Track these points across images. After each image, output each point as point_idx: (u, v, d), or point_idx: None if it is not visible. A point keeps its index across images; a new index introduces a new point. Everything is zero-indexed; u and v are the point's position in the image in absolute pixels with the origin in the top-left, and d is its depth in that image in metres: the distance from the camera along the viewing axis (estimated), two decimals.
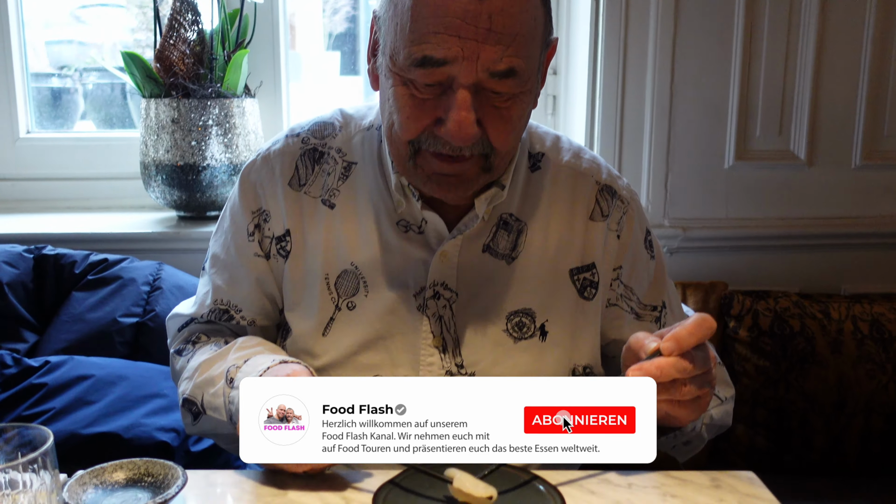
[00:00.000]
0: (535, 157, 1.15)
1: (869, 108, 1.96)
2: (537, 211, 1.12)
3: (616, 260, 1.14)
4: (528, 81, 0.97)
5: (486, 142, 0.97)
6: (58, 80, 2.22)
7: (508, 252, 1.11)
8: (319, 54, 2.31)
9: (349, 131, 1.15)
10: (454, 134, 0.94)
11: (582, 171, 1.15)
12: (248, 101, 1.94)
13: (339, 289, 1.10)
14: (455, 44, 0.90)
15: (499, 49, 0.91)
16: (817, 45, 1.91)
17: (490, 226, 1.10)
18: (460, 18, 0.90)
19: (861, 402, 1.77)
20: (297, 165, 1.13)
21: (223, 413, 1.03)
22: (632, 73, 1.90)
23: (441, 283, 1.08)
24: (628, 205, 1.16)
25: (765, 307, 1.82)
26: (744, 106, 1.93)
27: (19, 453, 0.79)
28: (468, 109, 0.93)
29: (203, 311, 1.17)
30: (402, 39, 0.93)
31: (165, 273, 1.68)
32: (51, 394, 1.36)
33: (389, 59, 0.96)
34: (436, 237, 1.09)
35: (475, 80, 0.92)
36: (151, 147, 1.88)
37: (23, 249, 1.64)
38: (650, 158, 1.93)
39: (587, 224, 1.13)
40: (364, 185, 1.12)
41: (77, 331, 1.55)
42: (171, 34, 1.86)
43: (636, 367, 0.87)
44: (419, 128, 0.97)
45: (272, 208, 1.13)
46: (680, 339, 0.87)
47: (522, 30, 0.93)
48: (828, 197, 2.00)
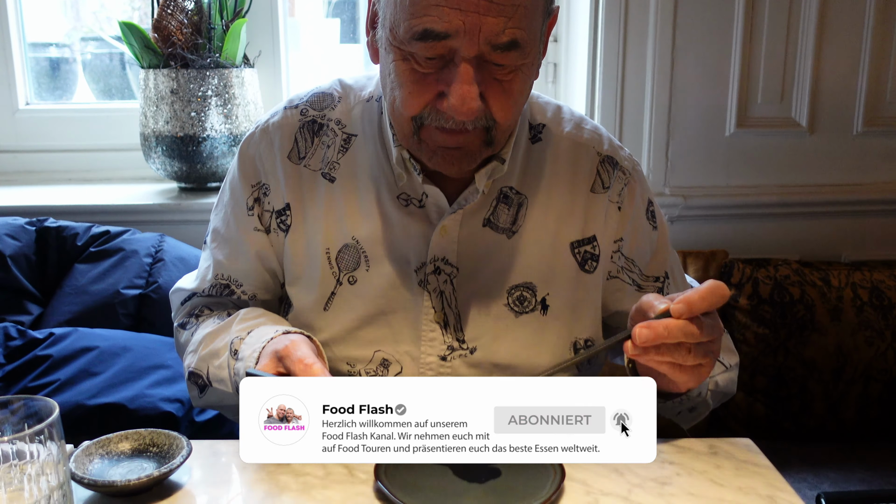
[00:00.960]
0: (535, 129, 1.14)
1: (871, 74, 1.95)
2: (538, 183, 1.11)
3: (617, 232, 1.13)
4: (531, 53, 0.95)
5: (489, 115, 0.96)
6: (56, 50, 2.21)
7: (509, 226, 1.10)
8: (319, 22, 2.28)
9: (348, 102, 1.14)
10: (457, 108, 0.92)
11: (583, 141, 1.14)
12: (247, 70, 1.93)
13: (339, 263, 1.10)
14: (456, 17, 0.89)
15: (500, 21, 0.90)
16: (819, 11, 1.90)
17: (490, 199, 1.10)
18: None
19: (860, 369, 1.78)
20: (297, 138, 1.12)
21: (229, 385, 1.04)
22: (632, 41, 1.88)
23: (442, 259, 1.08)
24: (630, 175, 1.15)
25: (765, 275, 1.83)
26: (745, 73, 1.92)
27: (26, 424, 0.80)
28: (470, 83, 0.91)
29: (204, 285, 1.17)
30: (403, 12, 0.92)
31: (167, 245, 1.68)
32: (56, 365, 1.38)
33: (389, 31, 0.94)
34: (436, 211, 1.08)
35: (477, 52, 0.91)
36: (151, 118, 1.87)
37: (25, 222, 1.65)
38: (651, 127, 1.92)
39: (588, 196, 1.12)
40: (364, 158, 1.11)
41: (80, 303, 1.56)
42: (168, 4, 1.84)
43: (644, 325, 0.87)
44: (422, 103, 0.95)
45: (271, 182, 1.12)
46: (691, 302, 0.86)
47: (524, 0, 0.91)
48: (829, 164, 2.00)
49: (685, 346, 0.87)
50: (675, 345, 0.87)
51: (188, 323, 1.18)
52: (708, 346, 0.89)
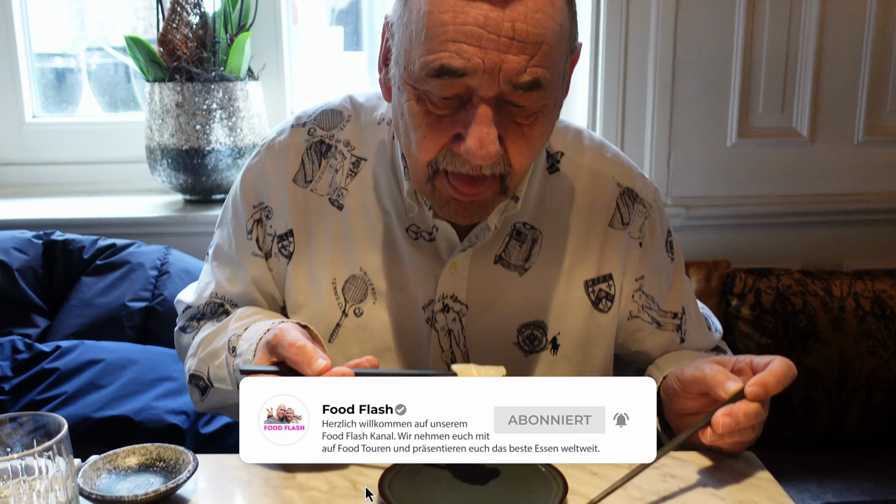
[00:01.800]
0: (553, 157, 1.09)
1: (871, 83, 1.96)
2: (553, 218, 1.07)
3: (638, 269, 1.10)
4: (553, 94, 0.90)
5: (506, 160, 0.91)
6: (61, 60, 2.23)
7: (521, 263, 1.07)
8: (322, 29, 2.30)
9: (359, 122, 1.10)
10: (474, 151, 0.86)
11: (603, 172, 1.09)
12: (252, 83, 1.95)
13: (346, 294, 1.07)
14: (475, 54, 0.84)
15: (522, 59, 0.84)
16: (819, 21, 1.91)
17: (503, 235, 1.06)
18: (480, 26, 0.83)
19: (862, 378, 1.79)
20: (303, 159, 1.08)
21: (230, 383, 1.02)
22: (633, 51, 1.90)
23: (451, 296, 1.05)
24: (650, 208, 1.11)
25: (767, 285, 1.84)
26: (746, 83, 1.93)
27: (34, 440, 0.81)
28: (489, 125, 0.86)
29: (200, 302, 1.16)
30: (418, 48, 0.86)
31: (173, 257, 1.70)
32: (62, 378, 1.39)
33: (404, 69, 0.89)
34: (446, 247, 1.05)
35: (496, 92, 0.86)
36: (156, 131, 1.89)
37: (32, 235, 1.66)
38: (653, 137, 1.93)
39: (606, 231, 1.08)
40: (374, 186, 1.07)
41: (87, 315, 1.57)
42: (173, 18, 1.86)
43: (726, 412, 0.84)
44: (437, 146, 0.90)
45: (274, 204, 1.09)
46: (768, 386, 0.85)
47: (547, 37, 0.85)
48: (830, 173, 2.01)
49: (753, 425, 0.87)
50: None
51: (188, 327, 1.17)
52: (764, 417, 0.89)
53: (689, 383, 0.92)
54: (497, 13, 0.83)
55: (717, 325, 1.22)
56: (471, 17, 0.83)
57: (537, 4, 0.84)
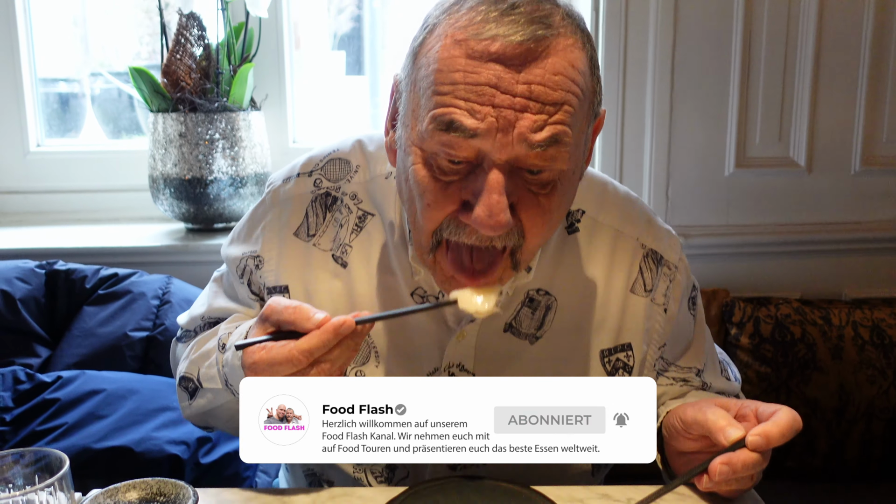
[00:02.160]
0: (573, 215, 1.02)
1: (867, 114, 1.98)
2: (569, 283, 1.01)
3: (662, 337, 1.04)
4: (572, 157, 0.82)
5: (519, 234, 0.84)
6: (65, 85, 2.25)
7: (533, 332, 1.01)
8: (325, 54, 2.33)
9: (367, 174, 1.04)
10: (483, 220, 0.80)
11: (625, 232, 1.03)
12: (254, 113, 1.97)
13: None
14: (488, 113, 0.78)
15: (540, 118, 0.78)
16: (815, 51, 1.93)
17: (514, 303, 1.00)
18: (493, 86, 0.78)
19: (862, 408, 1.79)
20: (307, 212, 1.04)
21: (219, 381, 0.98)
22: (632, 81, 1.92)
23: (457, 364, 1.00)
24: (676, 270, 1.04)
25: (766, 314, 1.84)
26: (743, 113, 1.95)
27: (36, 475, 0.82)
28: (500, 192, 0.79)
29: (195, 324, 1.15)
30: (426, 104, 0.81)
31: (174, 287, 1.71)
32: (63, 409, 1.39)
33: (410, 129, 0.84)
34: (453, 314, 0.99)
35: (510, 156, 0.79)
36: (159, 161, 1.91)
37: (35, 265, 1.68)
38: (651, 166, 1.95)
39: (626, 297, 1.02)
40: (380, 244, 1.02)
41: (88, 345, 1.58)
42: (177, 49, 1.89)
43: (724, 460, 0.83)
44: (443, 215, 0.84)
45: (268, 256, 1.05)
46: (771, 437, 0.83)
47: (568, 98, 0.80)
48: (828, 203, 2.02)
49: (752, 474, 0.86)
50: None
51: (184, 336, 1.17)
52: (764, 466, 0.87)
53: (690, 424, 0.91)
54: (511, 75, 0.78)
55: (737, 374, 1.19)
56: (483, 77, 0.78)
57: (556, 66, 0.79)
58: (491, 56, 0.78)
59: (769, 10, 1.90)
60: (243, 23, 1.96)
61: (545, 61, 0.78)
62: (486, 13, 0.79)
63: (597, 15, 1.90)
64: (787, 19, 1.92)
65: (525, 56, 0.78)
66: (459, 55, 0.79)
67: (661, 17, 1.88)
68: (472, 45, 0.79)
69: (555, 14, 0.81)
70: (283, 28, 2.09)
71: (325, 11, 2.32)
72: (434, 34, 0.83)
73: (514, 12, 0.79)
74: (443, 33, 0.81)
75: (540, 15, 0.79)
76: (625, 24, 1.89)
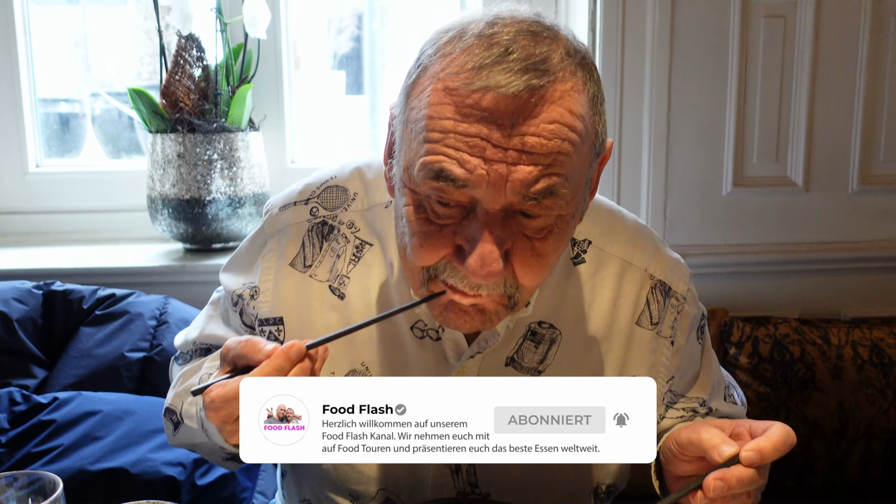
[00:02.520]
0: (579, 246, 1.01)
1: (864, 133, 1.99)
2: (573, 315, 1.00)
3: (669, 370, 1.02)
4: (570, 203, 0.81)
5: (512, 281, 0.84)
6: (66, 105, 2.27)
7: (535, 366, 0.99)
8: (325, 74, 2.34)
9: (365, 202, 1.02)
10: (475, 270, 0.79)
11: (633, 262, 1.01)
12: (252, 134, 1.97)
13: None
14: (479, 165, 0.76)
15: (534, 170, 0.76)
16: (811, 71, 1.94)
17: (516, 337, 0.99)
18: (484, 138, 0.75)
19: (862, 428, 1.78)
20: (304, 242, 1.02)
21: (196, 422, 0.97)
22: (629, 101, 1.93)
23: None
24: (683, 301, 1.02)
25: (764, 333, 1.84)
26: (740, 133, 1.96)
27: (29, 498, 0.81)
28: (493, 243, 0.78)
29: (188, 347, 1.14)
30: (419, 148, 0.79)
31: (172, 307, 1.71)
32: (59, 430, 1.39)
33: (404, 171, 0.83)
34: (453, 349, 0.98)
35: (504, 204, 0.78)
36: (158, 181, 1.91)
37: (32, 286, 1.68)
38: (649, 186, 1.95)
39: (632, 330, 1.01)
40: (378, 275, 1.00)
41: (85, 366, 1.58)
42: (176, 70, 1.90)
43: (718, 475, 0.81)
44: (436, 258, 0.83)
45: (264, 287, 1.03)
46: (764, 452, 0.81)
47: (564, 148, 0.77)
48: (825, 222, 2.02)
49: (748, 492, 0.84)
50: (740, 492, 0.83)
51: (180, 357, 1.16)
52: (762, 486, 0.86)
53: (685, 446, 0.90)
54: (503, 136, 0.75)
55: (742, 398, 1.18)
56: (473, 128, 0.75)
57: (552, 115, 0.76)
58: (482, 111, 0.75)
59: (765, 30, 1.92)
60: (242, 44, 1.98)
61: (540, 114, 0.75)
62: (480, 60, 0.76)
63: (593, 35, 1.91)
64: (783, 39, 1.93)
65: (518, 111, 0.75)
66: (449, 104, 0.77)
67: (657, 36, 1.89)
68: (463, 96, 0.76)
69: (553, 55, 0.77)
70: (281, 48, 2.10)
71: (324, 31, 2.34)
72: (427, 74, 0.80)
73: (507, 59, 0.75)
74: (434, 76, 0.79)
75: (536, 60, 0.75)
76: (621, 44, 1.90)
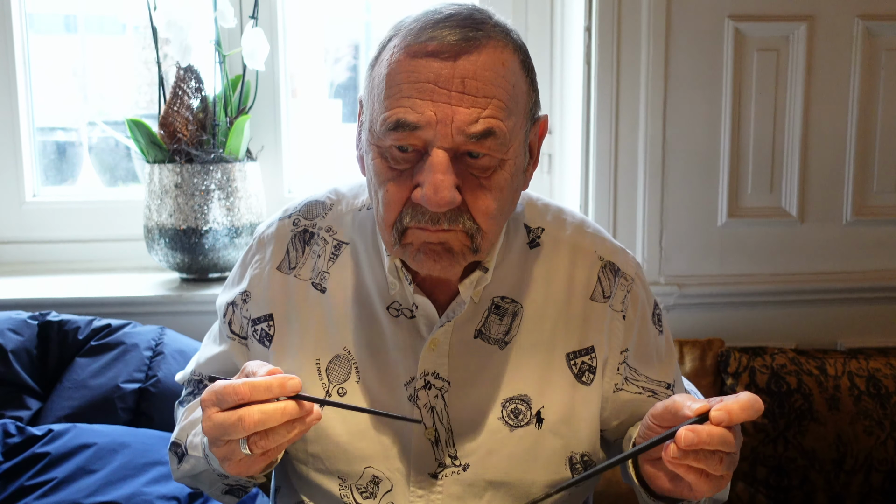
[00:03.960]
0: (533, 232, 1.12)
1: (857, 164, 2.00)
2: (533, 291, 1.08)
3: (623, 342, 1.10)
4: (510, 149, 0.94)
5: (468, 216, 0.94)
6: (63, 134, 2.27)
7: (501, 337, 1.07)
8: (321, 103, 2.35)
9: (340, 209, 1.14)
10: (430, 197, 0.90)
11: (584, 245, 1.11)
12: (250, 164, 1.98)
13: (329, 374, 1.07)
14: (428, 108, 0.89)
15: (474, 111, 0.90)
16: (804, 103, 1.96)
17: (481, 310, 1.07)
18: (432, 82, 0.90)
19: (860, 459, 1.78)
20: (288, 248, 1.13)
21: (200, 451, 1.02)
22: (624, 133, 1.94)
23: (432, 373, 1.05)
24: (632, 282, 1.12)
25: (761, 364, 1.84)
26: (735, 164, 1.97)
27: None
28: (443, 172, 0.90)
29: (184, 378, 1.23)
30: (379, 107, 0.93)
31: (167, 338, 1.70)
32: (53, 463, 1.37)
33: (368, 131, 0.96)
34: (426, 324, 1.06)
35: (451, 144, 0.90)
36: (155, 211, 1.91)
37: (28, 316, 1.67)
38: (644, 217, 1.96)
39: (587, 304, 1.09)
40: (355, 267, 1.10)
41: (80, 397, 1.57)
42: (174, 101, 1.91)
43: (689, 428, 0.85)
44: (401, 199, 0.94)
45: (255, 290, 1.12)
46: (732, 411, 0.85)
47: (499, 93, 0.91)
48: (820, 252, 2.03)
49: (719, 454, 0.87)
50: (711, 452, 0.86)
51: (185, 401, 1.21)
52: (733, 457, 0.89)
53: (661, 414, 0.93)
54: (447, 70, 0.90)
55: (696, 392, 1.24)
56: (422, 74, 0.90)
57: (487, 62, 0.91)
58: (428, 53, 0.90)
59: (758, 63, 1.94)
60: (240, 75, 1.99)
61: (477, 56, 0.90)
62: (426, 22, 0.92)
63: (588, 68, 1.93)
64: (776, 72, 1.95)
65: (458, 50, 0.90)
66: (403, 57, 0.92)
67: (652, 68, 1.91)
68: (414, 47, 0.92)
69: (487, 22, 0.94)
70: (279, 80, 2.11)
71: (321, 61, 2.36)
72: (387, 48, 0.95)
73: (450, 20, 0.92)
74: (392, 45, 0.94)
75: (472, 22, 0.92)
76: (617, 76, 1.92)
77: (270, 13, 2.08)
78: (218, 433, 0.87)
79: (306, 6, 2.21)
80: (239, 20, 1.99)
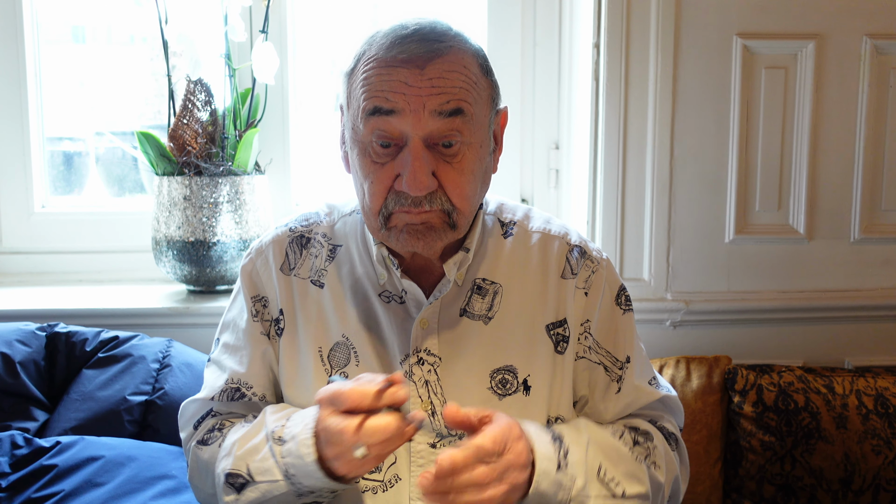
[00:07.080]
0: (507, 226, 1.26)
1: (865, 182, 2.00)
2: (511, 272, 1.21)
3: (584, 315, 1.22)
4: (477, 131, 1.08)
5: (445, 198, 1.08)
6: (70, 144, 2.28)
7: (485, 313, 1.19)
8: (328, 114, 2.35)
9: (332, 218, 1.27)
10: (410, 183, 1.04)
11: (553, 233, 1.25)
12: (258, 177, 1.99)
13: (331, 360, 1.18)
14: (401, 98, 1.03)
15: (443, 97, 1.04)
16: (812, 120, 1.96)
17: (465, 291, 1.20)
18: (403, 82, 1.03)
19: (868, 479, 1.77)
20: (287, 251, 1.24)
21: (276, 472, 1.06)
22: (632, 150, 1.94)
23: (424, 350, 1.17)
24: (598, 264, 1.25)
25: (769, 382, 1.83)
26: (742, 181, 1.97)
27: None
28: (420, 159, 1.04)
29: (214, 392, 1.23)
30: (358, 104, 1.06)
31: (175, 350, 1.70)
32: (61, 475, 1.37)
33: (352, 129, 1.09)
34: (415, 305, 1.18)
35: (425, 131, 1.04)
36: (163, 223, 1.92)
37: (36, 327, 1.67)
38: (652, 233, 1.96)
39: (559, 282, 1.22)
40: (349, 264, 1.22)
41: (87, 409, 1.56)
42: (184, 114, 1.92)
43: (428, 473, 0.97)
44: (384, 189, 1.07)
45: (269, 293, 1.24)
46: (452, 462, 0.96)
47: (463, 85, 1.05)
48: (828, 270, 2.02)
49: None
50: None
51: (211, 438, 1.21)
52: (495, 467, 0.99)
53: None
54: (416, 76, 1.04)
55: (669, 388, 1.31)
56: (396, 77, 1.04)
57: (450, 65, 1.05)
58: (399, 63, 1.04)
59: (766, 80, 1.94)
60: (249, 89, 2.00)
61: (442, 62, 1.05)
62: (395, 38, 1.06)
63: (597, 85, 1.93)
64: (784, 90, 1.96)
65: (425, 60, 1.04)
66: (377, 67, 1.06)
67: (660, 85, 1.91)
68: (386, 60, 1.05)
69: (448, 33, 1.08)
70: (288, 93, 2.12)
71: (328, 73, 2.36)
72: (360, 61, 1.09)
73: (416, 35, 1.05)
74: (366, 59, 1.08)
75: (435, 35, 1.06)
76: (625, 92, 1.92)
77: (280, 27, 2.09)
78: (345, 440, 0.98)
79: (316, 20, 2.22)
80: (249, 34, 2.00)
